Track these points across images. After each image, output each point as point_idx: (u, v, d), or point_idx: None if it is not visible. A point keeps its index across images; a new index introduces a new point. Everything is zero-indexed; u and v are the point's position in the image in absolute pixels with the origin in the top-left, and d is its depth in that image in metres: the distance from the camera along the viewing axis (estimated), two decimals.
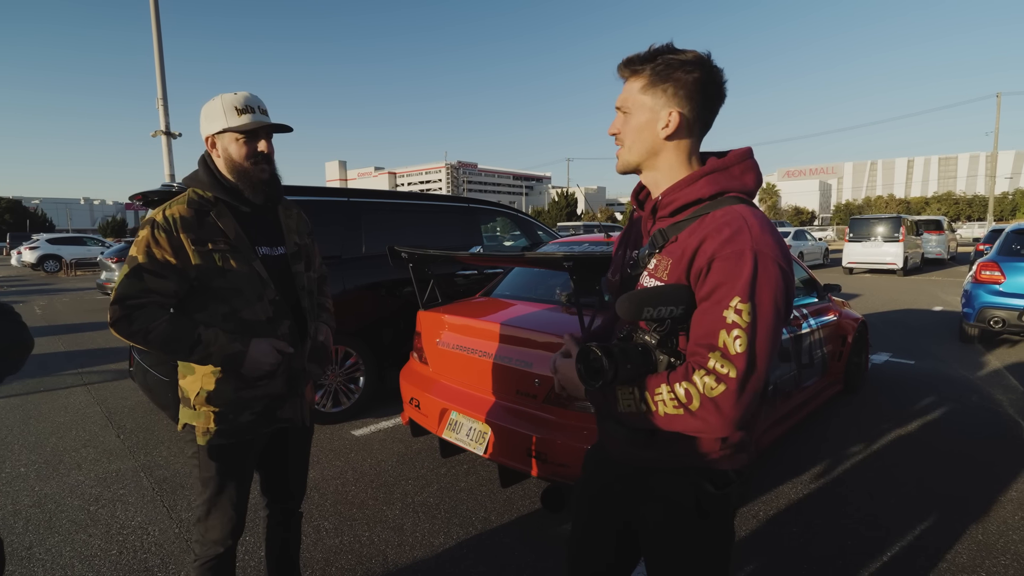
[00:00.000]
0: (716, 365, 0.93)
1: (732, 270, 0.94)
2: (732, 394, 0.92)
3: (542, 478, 2.46)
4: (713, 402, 0.93)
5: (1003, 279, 6.06)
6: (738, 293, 0.93)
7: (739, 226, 0.97)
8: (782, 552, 2.41)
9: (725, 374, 0.92)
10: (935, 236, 17.96)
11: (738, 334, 0.92)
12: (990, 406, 4.28)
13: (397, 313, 4.34)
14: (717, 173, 1.06)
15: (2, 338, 1.16)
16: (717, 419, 0.93)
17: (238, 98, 1.50)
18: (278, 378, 1.61)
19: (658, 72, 1.04)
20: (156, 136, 12.47)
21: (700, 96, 1.04)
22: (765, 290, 0.94)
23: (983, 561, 2.33)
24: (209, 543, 1.58)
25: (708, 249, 0.97)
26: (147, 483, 3.10)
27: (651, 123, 1.07)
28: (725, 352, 0.93)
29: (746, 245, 0.95)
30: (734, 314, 0.93)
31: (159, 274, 1.43)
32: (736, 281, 0.94)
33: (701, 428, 0.96)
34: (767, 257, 0.95)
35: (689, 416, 0.95)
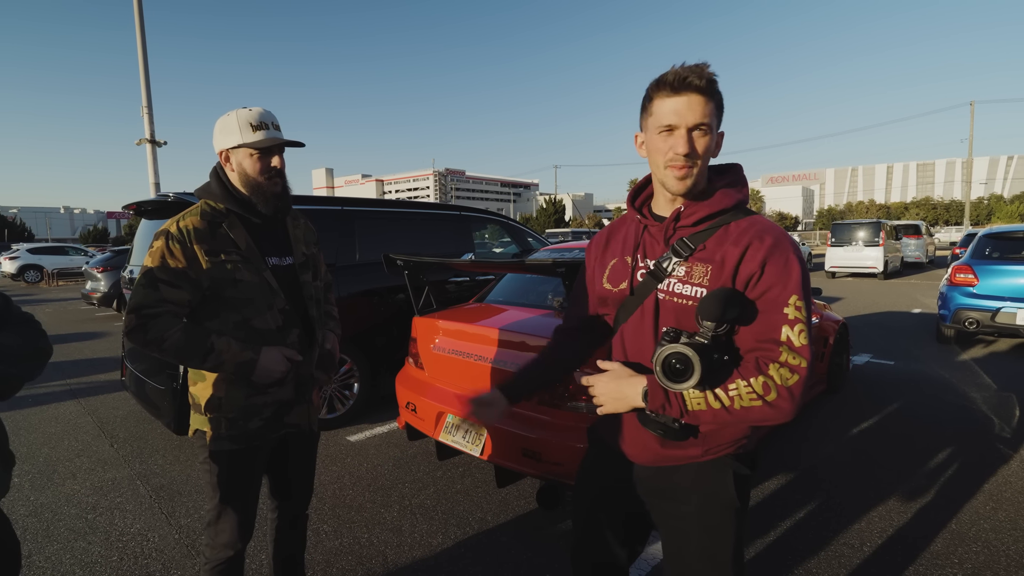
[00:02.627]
0: (788, 358, 1.04)
1: (783, 272, 1.07)
2: (803, 381, 1.04)
3: (537, 477, 2.53)
4: (789, 390, 1.03)
5: (976, 282, 6.28)
6: (794, 291, 1.06)
7: (779, 234, 1.11)
8: (767, 546, 2.50)
9: (797, 364, 1.03)
10: (914, 240, 18.40)
11: (801, 328, 1.05)
12: (965, 404, 4.45)
13: (390, 319, 4.39)
14: (730, 188, 1.17)
15: (26, 345, 1.21)
16: (790, 405, 1.04)
17: (253, 114, 1.55)
18: (287, 385, 1.66)
19: (718, 95, 1.09)
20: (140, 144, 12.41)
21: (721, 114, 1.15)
22: (808, 289, 1.09)
23: (956, 549, 2.45)
24: (219, 547, 1.63)
25: (757, 256, 1.08)
26: (144, 491, 3.12)
27: (714, 142, 1.12)
28: (791, 345, 1.04)
29: (790, 251, 1.09)
30: (794, 310, 1.05)
31: (173, 284, 1.48)
32: (789, 282, 1.07)
33: (774, 416, 1.05)
34: (803, 262, 1.10)
35: (766, 406, 1.04)
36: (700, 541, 1.20)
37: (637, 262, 1.23)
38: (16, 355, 1.15)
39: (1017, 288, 6.02)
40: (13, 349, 1.15)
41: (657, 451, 1.20)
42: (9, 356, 1.13)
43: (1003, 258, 6.42)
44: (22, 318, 1.28)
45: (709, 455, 1.18)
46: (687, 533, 1.21)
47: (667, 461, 1.20)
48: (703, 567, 1.20)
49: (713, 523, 1.19)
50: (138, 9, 11.57)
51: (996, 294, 6.10)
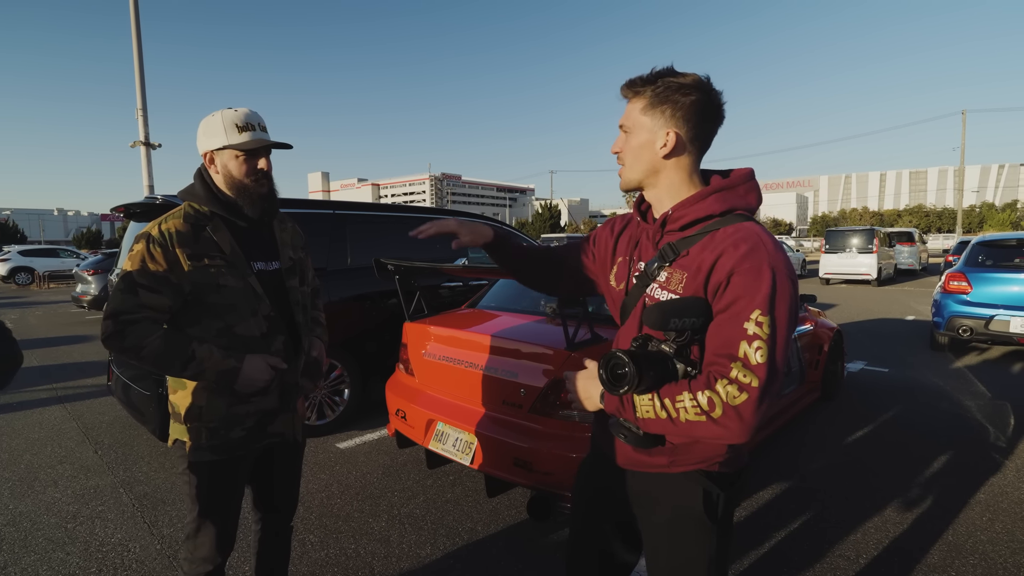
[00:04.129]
0: (738, 375, 0.97)
1: (751, 284, 0.99)
2: (753, 402, 0.96)
3: (528, 487, 2.49)
4: (736, 410, 0.96)
5: (970, 289, 6.30)
6: (758, 306, 0.98)
7: (756, 243, 1.03)
8: (762, 557, 2.46)
9: (747, 383, 0.96)
10: (907, 248, 18.50)
11: (759, 345, 0.97)
12: (959, 412, 4.43)
13: (382, 325, 4.34)
14: (725, 192, 1.11)
15: None
16: (738, 426, 0.97)
17: (239, 115, 1.50)
18: (271, 393, 1.61)
19: (658, 94, 1.09)
20: (135, 147, 12.34)
21: (697, 118, 1.09)
22: (782, 304, 0.99)
23: (953, 561, 2.42)
24: (198, 560, 1.57)
25: (727, 264, 1.02)
26: (127, 499, 3.05)
27: (650, 143, 1.11)
28: (746, 362, 0.97)
29: (764, 261, 1.00)
30: (755, 326, 0.97)
31: (154, 289, 1.43)
32: (755, 295, 0.98)
33: (722, 435, 0.99)
34: (782, 273, 1.01)
35: (712, 423, 0.98)
36: (669, 554, 1.19)
37: (633, 264, 1.24)
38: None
39: (1011, 296, 6.03)
40: None
41: (630, 456, 1.20)
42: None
43: (996, 266, 6.44)
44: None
45: (677, 467, 1.15)
46: (657, 545, 1.21)
47: (640, 467, 1.19)
48: None
49: (682, 538, 1.16)
50: (134, 11, 11.54)
51: (990, 302, 6.11)
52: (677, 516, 1.16)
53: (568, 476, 2.34)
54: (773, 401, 1.00)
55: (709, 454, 1.13)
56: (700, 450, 1.13)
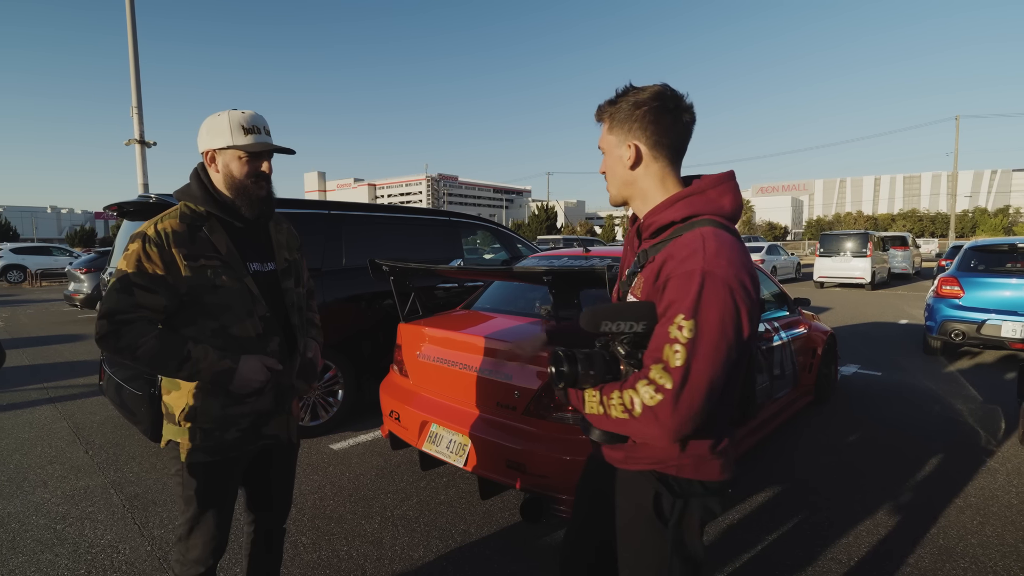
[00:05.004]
0: (656, 376, 0.99)
1: (681, 288, 1.01)
2: (668, 404, 0.98)
3: (522, 489, 2.48)
4: (652, 411, 0.99)
5: (962, 294, 6.34)
6: (683, 311, 0.99)
7: (696, 248, 1.03)
8: (753, 559, 2.47)
9: (662, 385, 0.98)
10: (901, 252, 18.59)
11: (678, 348, 0.98)
12: (951, 415, 4.46)
13: (376, 326, 4.33)
14: (693, 196, 1.12)
15: None
16: (655, 427, 1.00)
17: (245, 117, 1.51)
18: (266, 395, 1.60)
19: (617, 112, 1.16)
20: (130, 145, 12.27)
21: (653, 126, 1.12)
22: (711, 309, 0.98)
23: (944, 564, 2.43)
24: (190, 563, 1.56)
25: (667, 269, 1.05)
26: (117, 500, 3.02)
27: (619, 159, 1.18)
28: (666, 365, 0.99)
29: (697, 266, 1.00)
30: (676, 330, 0.99)
31: (149, 289, 1.42)
32: (683, 299, 1.00)
33: (643, 434, 1.03)
34: (716, 278, 0.99)
35: (633, 421, 1.03)
36: (624, 548, 1.22)
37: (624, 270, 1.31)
38: None
39: (1002, 300, 6.08)
40: None
41: (602, 450, 1.27)
42: None
43: (988, 271, 6.49)
44: None
45: (630, 464, 1.19)
46: (619, 540, 1.24)
47: (612, 461, 1.24)
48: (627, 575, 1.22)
49: (636, 536, 1.19)
50: (130, 8, 11.48)
51: (982, 306, 6.16)
52: (635, 514, 1.19)
53: (561, 479, 2.34)
54: (697, 409, 0.99)
55: (660, 456, 1.15)
56: (649, 451, 1.16)
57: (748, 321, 1.03)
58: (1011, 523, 2.78)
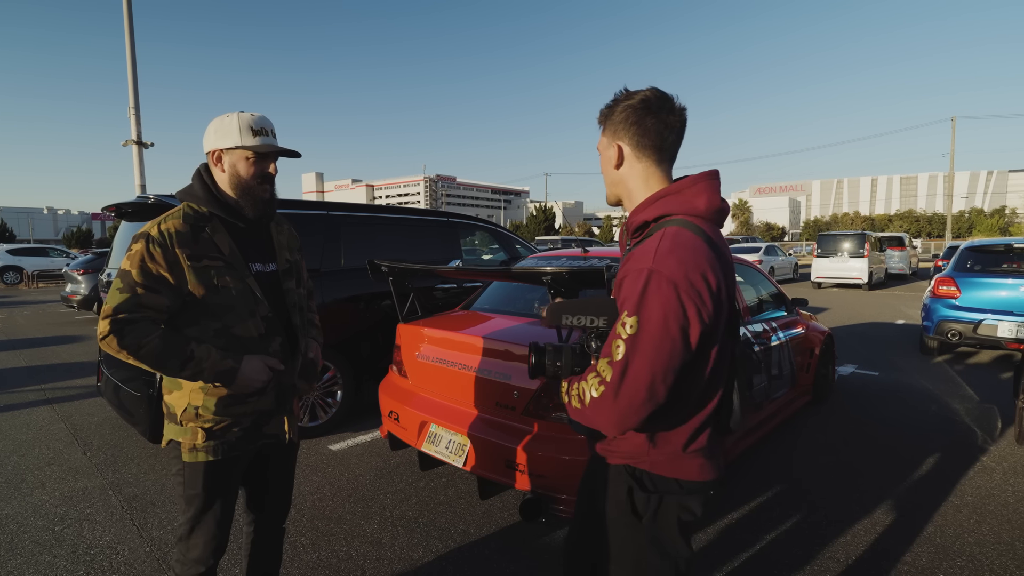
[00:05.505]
0: (601, 369, 1.05)
1: (630, 286, 1.05)
2: (608, 396, 1.03)
3: (521, 489, 2.49)
4: (595, 402, 1.05)
5: (959, 294, 6.37)
6: (628, 307, 1.04)
7: (651, 246, 1.06)
8: (751, 559, 2.47)
9: (604, 378, 1.04)
10: (898, 252, 18.66)
11: (619, 344, 1.03)
12: (948, 415, 4.48)
13: (375, 326, 4.33)
14: (669, 196, 1.14)
15: None
16: (599, 417, 1.06)
17: (254, 119, 1.53)
18: (267, 394, 1.61)
19: (607, 116, 1.21)
20: (127, 145, 12.25)
21: (636, 127, 1.15)
22: (653, 307, 1.00)
23: (941, 563, 2.44)
24: (190, 562, 1.56)
25: (623, 268, 1.10)
26: (116, 501, 3.02)
27: (609, 160, 1.23)
28: (611, 359, 1.04)
29: (645, 264, 1.04)
30: (620, 326, 1.04)
31: (153, 289, 1.43)
32: (629, 297, 1.05)
33: (595, 423, 1.08)
34: (661, 276, 1.01)
35: (585, 410, 1.08)
36: (605, 539, 1.24)
37: None
38: None
39: (998, 300, 6.11)
40: None
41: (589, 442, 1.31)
42: None
43: (985, 271, 6.52)
44: None
45: (609, 457, 1.23)
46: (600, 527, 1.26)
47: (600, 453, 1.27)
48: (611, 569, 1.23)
49: (616, 529, 1.22)
50: (127, 8, 11.47)
51: (978, 306, 6.19)
52: (615, 508, 1.22)
53: (561, 478, 2.35)
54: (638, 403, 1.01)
55: (632, 451, 1.18)
56: (622, 444, 1.19)
57: (697, 321, 1.01)
58: (1007, 521, 2.80)
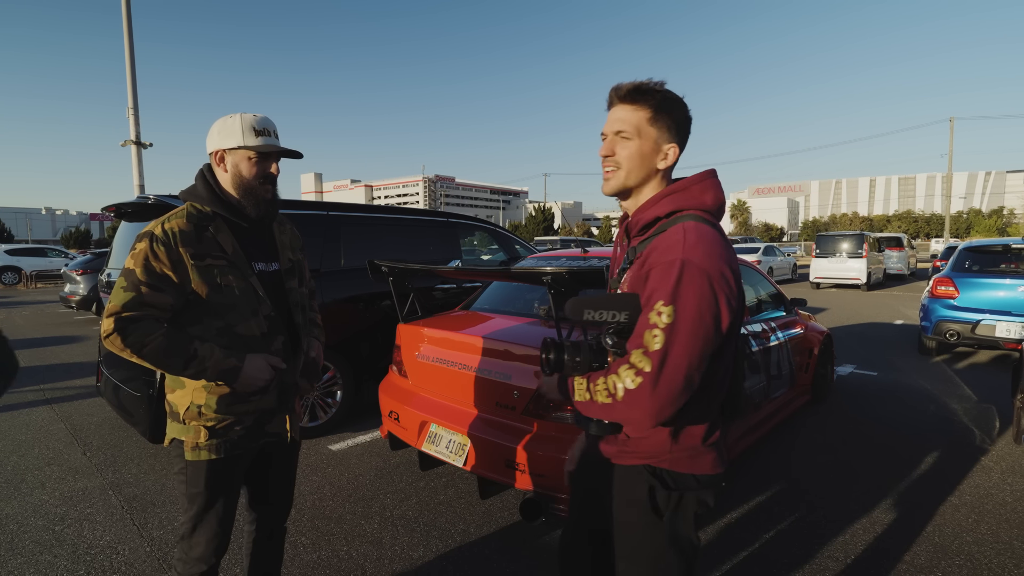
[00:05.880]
0: (636, 360, 1.02)
1: (662, 277, 1.04)
2: (647, 387, 1.00)
3: (521, 489, 2.49)
4: (632, 394, 1.02)
5: (957, 294, 6.39)
6: (662, 297, 1.03)
7: (678, 239, 1.07)
8: (750, 558, 2.48)
9: (642, 368, 1.01)
10: (896, 252, 18.69)
11: (656, 333, 1.01)
12: (946, 415, 4.49)
13: (375, 327, 4.34)
14: (676, 194, 1.16)
15: None
16: (636, 410, 1.02)
17: (257, 119, 1.54)
18: (270, 393, 1.62)
19: (663, 106, 1.14)
20: (126, 146, 12.23)
21: (686, 135, 1.18)
22: (688, 296, 1.01)
23: (939, 562, 2.45)
24: (192, 561, 1.57)
25: (652, 259, 1.08)
26: (116, 501, 3.02)
27: (653, 153, 1.16)
28: (646, 349, 1.02)
29: (677, 255, 1.04)
30: (656, 315, 1.02)
31: (156, 288, 1.44)
32: (663, 286, 1.03)
33: (625, 417, 1.05)
34: (694, 266, 1.03)
35: (616, 405, 1.05)
36: (621, 542, 1.23)
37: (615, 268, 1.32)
38: None
39: (996, 301, 6.13)
40: None
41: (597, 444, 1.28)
42: None
43: (983, 271, 6.54)
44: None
45: (626, 458, 1.20)
46: (613, 531, 1.25)
47: (606, 455, 1.25)
48: (623, 568, 1.22)
49: (631, 528, 1.21)
50: (126, 9, 11.45)
51: (976, 306, 6.20)
52: (629, 508, 1.21)
53: (561, 478, 2.35)
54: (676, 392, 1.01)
55: (653, 450, 1.17)
56: (645, 445, 1.17)
57: (727, 309, 1.04)
58: (1005, 520, 2.81)
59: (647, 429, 1.13)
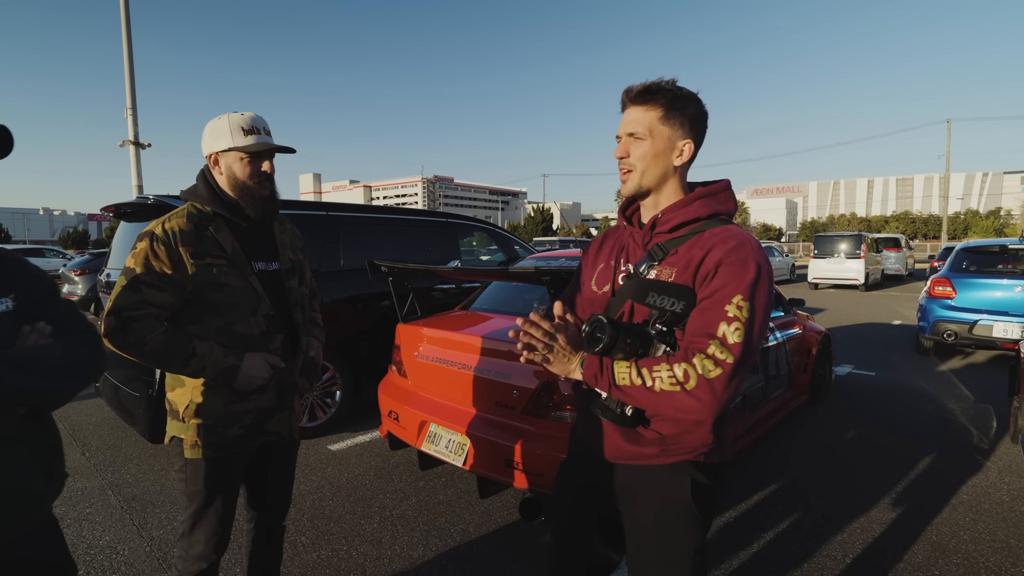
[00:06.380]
0: (715, 351, 1.04)
1: (737, 274, 1.08)
2: (725, 377, 1.03)
3: (520, 488, 2.50)
4: (709, 383, 1.03)
5: (955, 294, 6.41)
6: (741, 292, 1.06)
7: (743, 240, 1.12)
8: (750, 557, 2.49)
9: (723, 359, 1.03)
10: (894, 253, 18.73)
11: (737, 327, 1.05)
12: (943, 414, 4.51)
13: (374, 327, 4.34)
14: (709, 198, 1.20)
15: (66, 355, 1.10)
16: (710, 399, 1.03)
17: (245, 119, 1.54)
18: (269, 392, 1.63)
19: (674, 104, 1.16)
20: (124, 146, 12.22)
21: (702, 131, 1.20)
22: (761, 295, 1.08)
23: (937, 561, 2.46)
24: (192, 559, 1.57)
25: (716, 256, 1.10)
26: (115, 501, 3.02)
27: (667, 151, 1.18)
28: (724, 341, 1.04)
29: (751, 256, 1.10)
30: (736, 309, 1.06)
31: (156, 286, 1.45)
32: (740, 283, 1.07)
33: (693, 407, 1.05)
34: (765, 269, 1.11)
35: (684, 394, 1.04)
36: (657, 545, 1.22)
37: (619, 266, 1.29)
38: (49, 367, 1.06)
39: (994, 301, 6.15)
40: (48, 360, 1.06)
41: (621, 447, 1.23)
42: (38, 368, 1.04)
43: (980, 272, 6.56)
44: (80, 328, 1.19)
45: (665, 457, 1.19)
46: (645, 536, 1.23)
47: (629, 459, 1.23)
48: (660, 573, 1.22)
49: (670, 529, 1.20)
50: (124, 9, 11.45)
51: (974, 307, 6.23)
52: (666, 508, 1.20)
53: None
54: (741, 383, 1.06)
55: (697, 444, 1.18)
56: (689, 440, 1.18)
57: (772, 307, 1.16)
58: (1002, 519, 2.82)
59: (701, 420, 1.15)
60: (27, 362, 1.03)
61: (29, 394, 1.03)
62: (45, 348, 1.08)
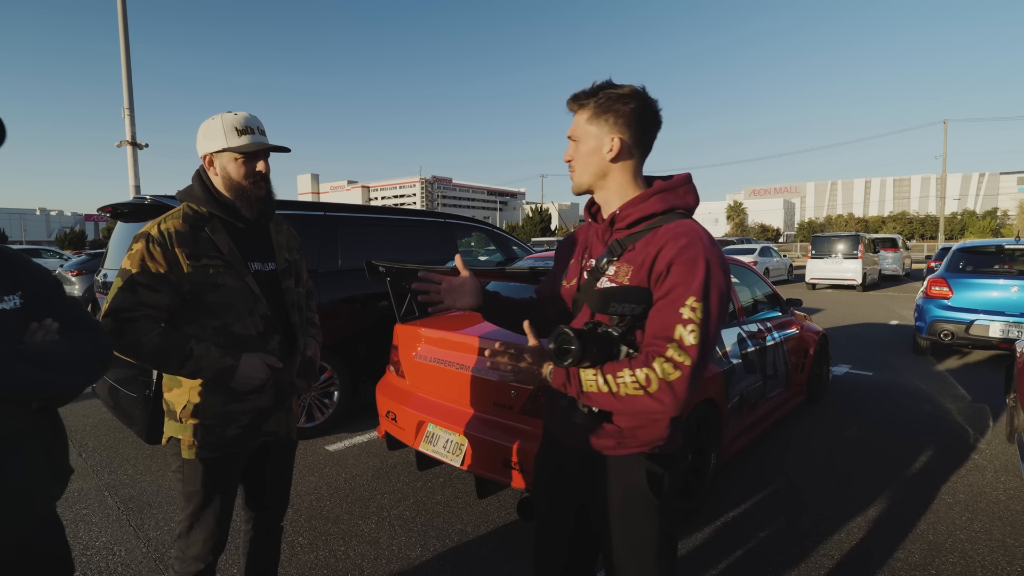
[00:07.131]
0: (674, 354, 1.07)
1: (687, 273, 1.10)
2: (686, 380, 1.06)
3: (518, 488, 2.50)
4: (670, 385, 1.07)
5: (951, 295, 6.43)
6: (693, 293, 1.09)
7: (693, 237, 1.13)
8: (746, 555, 2.50)
9: (681, 362, 1.06)
10: (891, 253, 18.78)
11: (692, 328, 1.07)
12: (940, 414, 4.53)
13: (372, 327, 4.34)
14: (666, 192, 1.23)
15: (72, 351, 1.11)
16: (671, 400, 1.07)
17: (238, 119, 1.53)
18: (266, 392, 1.63)
19: (600, 105, 1.20)
20: (121, 146, 12.19)
21: (636, 124, 1.21)
22: (714, 291, 1.11)
23: (933, 560, 2.47)
24: (189, 559, 1.57)
25: (667, 255, 1.12)
26: (112, 502, 3.01)
27: (597, 149, 1.22)
28: (681, 343, 1.07)
29: (700, 253, 1.11)
30: (690, 311, 1.08)
31: (153, 287, 1.45)
32: (692, 282, 1.09)
33: (657, 408, 1.09)
34: (716, 265, 1.12)
35: (647, 397, 1.08)
36: (623, 531, 1.26)
37: (584, 262, 1.34)
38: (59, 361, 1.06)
39: (990, 301, 6.17)
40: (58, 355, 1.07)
41: (583, 439, 1.28)
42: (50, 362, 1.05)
43: (976, 272, 6.59)
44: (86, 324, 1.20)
45: (621, 449, 1.24)
46: (610, 524, 1.27)
47: (588, 449, 1.27)
48: (627, 557, 1.26)
49: (632, 515, 1.24)
50: (122, 10, 11.43)
51: (970, 307, 6.25)
52: (627, 496, 1.24)
53: None
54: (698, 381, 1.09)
55: (652, 438, 1.23)
56: (644, 434, 1.23)
57: (728, 300, 1.16)
58: (998, 518, 2.83)
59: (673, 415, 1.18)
60: (39, 357, 1.04)
61: (44, 388, 1.05)
62: (53, 344, 1.08)
